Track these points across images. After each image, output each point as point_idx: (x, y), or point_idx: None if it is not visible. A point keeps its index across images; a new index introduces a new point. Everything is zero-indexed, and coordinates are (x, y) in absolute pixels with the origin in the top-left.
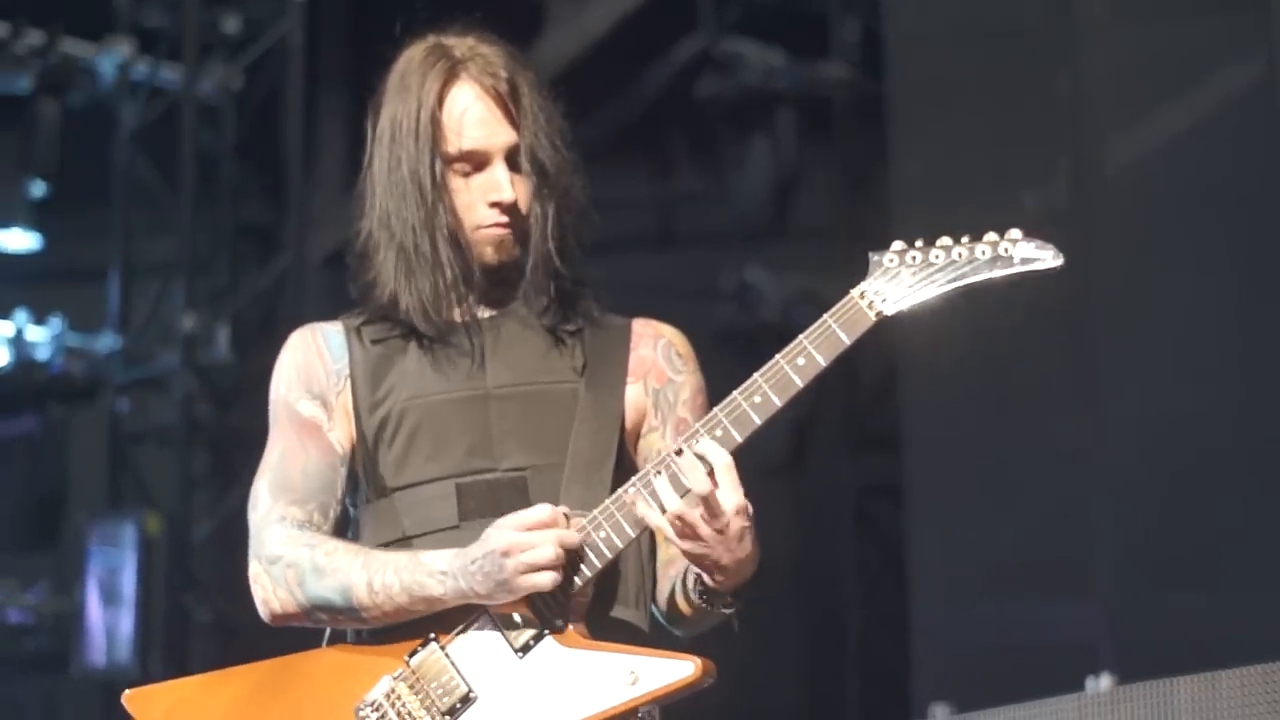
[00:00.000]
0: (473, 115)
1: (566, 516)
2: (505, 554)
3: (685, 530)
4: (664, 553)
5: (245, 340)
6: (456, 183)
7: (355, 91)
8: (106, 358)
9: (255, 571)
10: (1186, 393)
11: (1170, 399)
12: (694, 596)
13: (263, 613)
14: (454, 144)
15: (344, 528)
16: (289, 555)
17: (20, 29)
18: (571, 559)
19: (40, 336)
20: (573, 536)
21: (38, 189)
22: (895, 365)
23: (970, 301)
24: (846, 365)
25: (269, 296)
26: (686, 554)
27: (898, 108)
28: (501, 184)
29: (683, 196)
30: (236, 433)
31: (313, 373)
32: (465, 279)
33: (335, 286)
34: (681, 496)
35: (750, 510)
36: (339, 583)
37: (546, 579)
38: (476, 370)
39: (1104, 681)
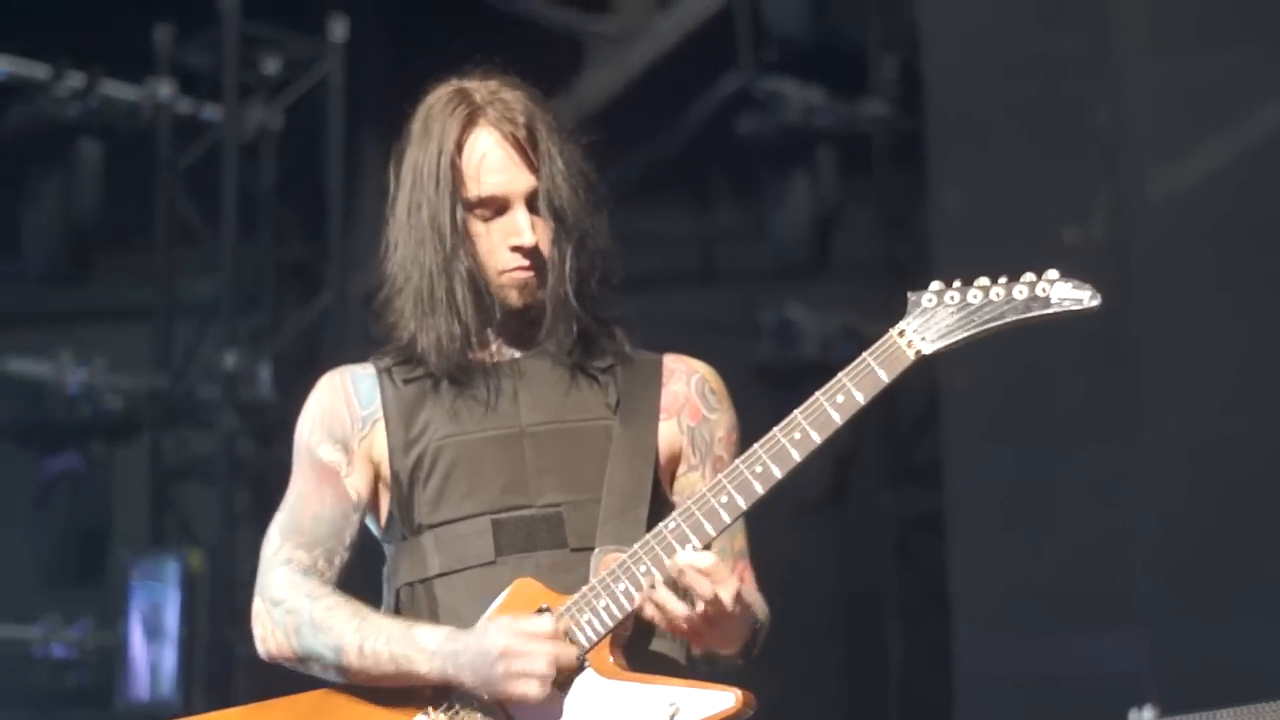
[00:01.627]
0: (491, 161)
1: (568, 635)
2: (499, 656)
3: (694, 636)
4: None
5: (287, 378)
6: (478, 228)
7: (395, 131)
8: (149, 395)
9: (258, 609)
10: (1226, 424)
11: (1210, 430)
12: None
13: (260, 649)
14: (473, 190)
15: (350, 574)
16: (290, 601)
17: (61, 71)
18: (612, 589)
19: (83, 375)
20: (569, 659)
21: (80, 229)
22: (936, 398)
23: (1010, 333)
24: (887, 398)
25: (311, 334)
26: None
27: (936, 144)
28: (522, 228)
29: (723, 233)
30: (278, 469)
31: (337, 417)
32: (485, 322)
33: (372, 331)
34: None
35: (739, 595)
36: (333, 641)
37: (534, 689)
38: (510, 408)
39: (1147, 714)
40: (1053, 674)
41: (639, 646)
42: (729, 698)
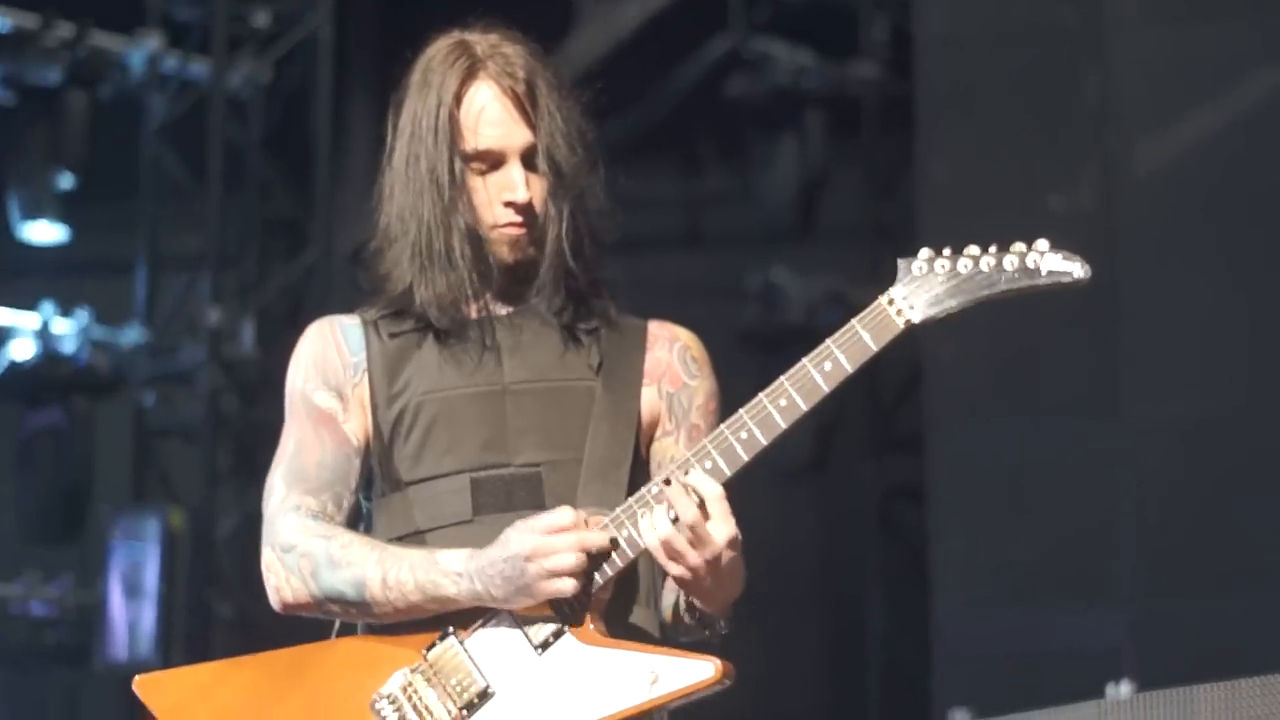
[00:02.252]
0: (489, 115)
1: (587, 521)
2: (528, 558)
3: (674, 556)
4: None
5: (271, 335)
6: (474, 181)
7: (384, 87)
8: (132, 351)
9: (269, 560)
10: (1211, 399)
11: (1195, 405)
12: (684, 616)
13: (274, 601)
14: (470, 142)
15: (357, 519)
16: (303, 545)
17: (50, 21)
18: (594, 557)
19: (66, 329)
20: (597, 539)
21: (65, 181)
22: (919, 368)
23: (995, 303)
24: (871, 366)
25: (295, 291)
26: (675, 579)
27: (926, 109)
28: (516, 183)
29: (710, 196)
30: (261, 428)
31: (329, 364)
32: (482, 276)
33: (361, 281)
34: (673, 523)
35: (740, 540)
36: (353, 575)
37: (569, 585)
38: (493, 366)
39: (1124, 688)
40: (1032, 648)
41: (618, 617)
42: (708, 667)
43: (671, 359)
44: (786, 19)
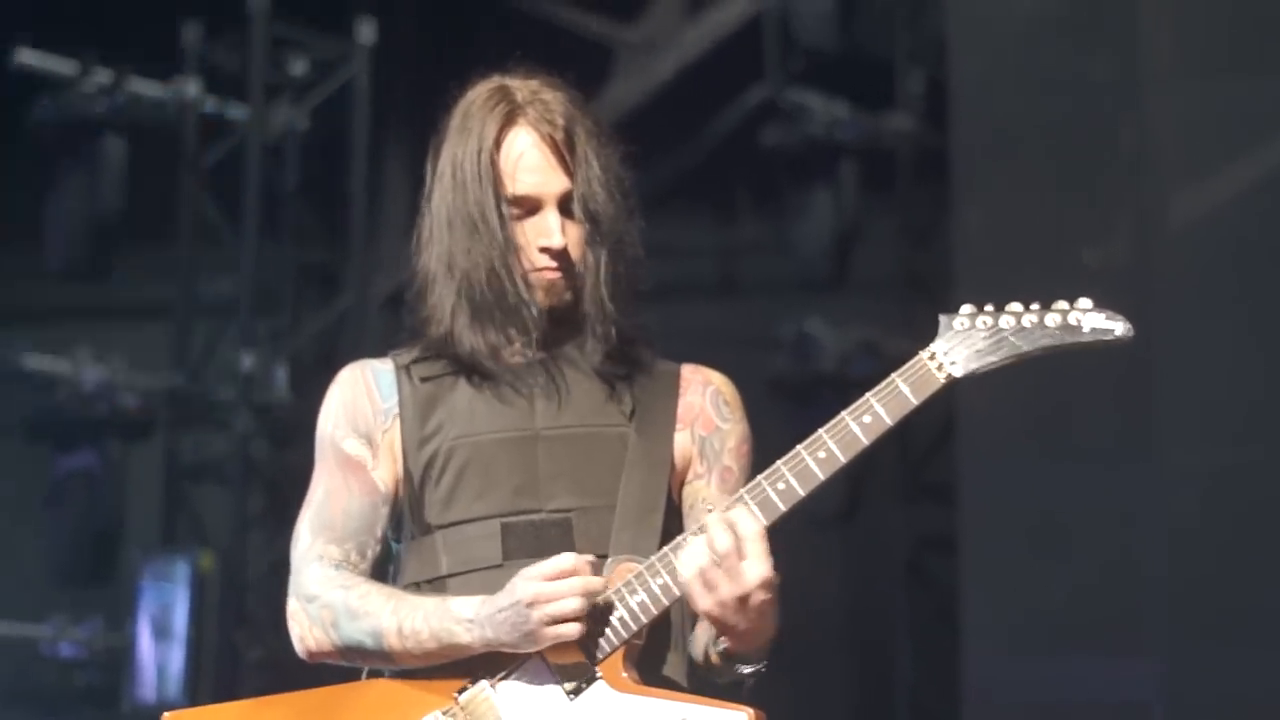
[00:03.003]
0: (528, 161)
1: (591, 564)
2: (530, 605)
3: (708, 587)
4: None
5: (304, 380)
6: (513, 225)
7: (420, 135)
8: (165, 394)
9: (293, 609)
10: (1243, 449)
11: (1227, 455)
12: (715, 656)
13: (299, 649)
14: (509, 188)
15: (383, 567)
16: (325, 596)
17: (89, 67)
18: (628, 601)
19: (99, 373)
20: (597, 583)
21: (102, 225)
22: (952, 417)
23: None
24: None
25: (329, 336)
26: (705, 614)
27: (960, 160)
28: (552, 230)
29: (744, 245)
30: (292, 472)
31: (360, 411)
32: (523, 320)
33: (395, 329)
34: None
35: (775, 583)
36: (371, 626)
37: (572, 630)
38: (526, 411)
39: None
40: (1062, 699)
41: (651, 665)
42: (741, 717)
43: (704, 403)
44: (822, 70)
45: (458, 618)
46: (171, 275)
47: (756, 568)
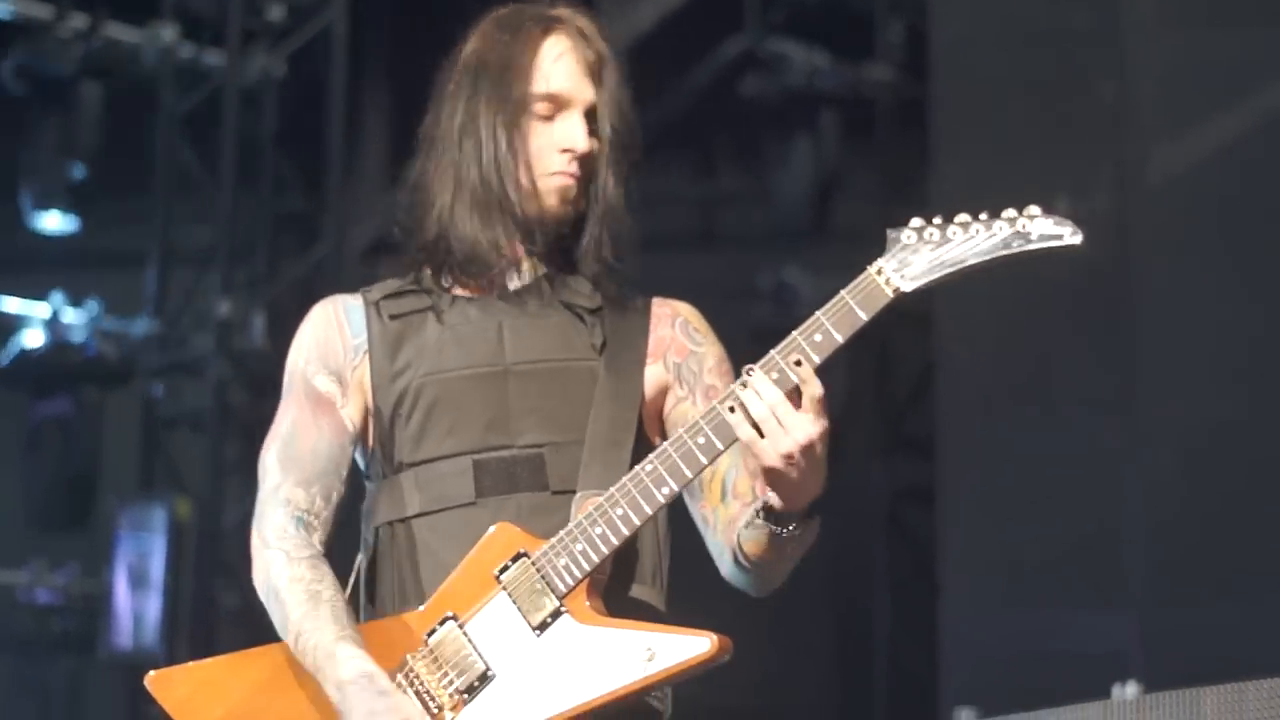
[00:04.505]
0: (565, 64)
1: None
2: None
3: (782, 426)
4: (725, 511)
5: (281, 328)
6: (534, 126)
7: (397, 83)
8: (142, 342)
9: (254, 544)
10: (1224, 401)
11: (1208, 408)
12: (756, 528)
13: (254, 579)
14: (540, 85)
15: (348, 509)
16: (271, 552)
17: (65, 12)
18: (589, 533)
19: (76, 319)
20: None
21: (78, 172)
22: (931, 368)
23: (1008, 304)
24: (882, 367)
25: (306, 285)
26: (765, 466)
27: (940, 110)
28: (578, 135)
29: (724, 196)
30: (269, 420)
31: (331, 347)
32: (526, 223)
33: (372, 277)
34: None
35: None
36: (279, 618)
37: None
38: (495, 345)
39: (1130, 690)
40: (1039, 649)
41: (617, 591)
42: (704, 642)
43: (675, 333)
44: (802, 20)
45: (334, 676)
46: (148, 222)
47: (816, 421)
